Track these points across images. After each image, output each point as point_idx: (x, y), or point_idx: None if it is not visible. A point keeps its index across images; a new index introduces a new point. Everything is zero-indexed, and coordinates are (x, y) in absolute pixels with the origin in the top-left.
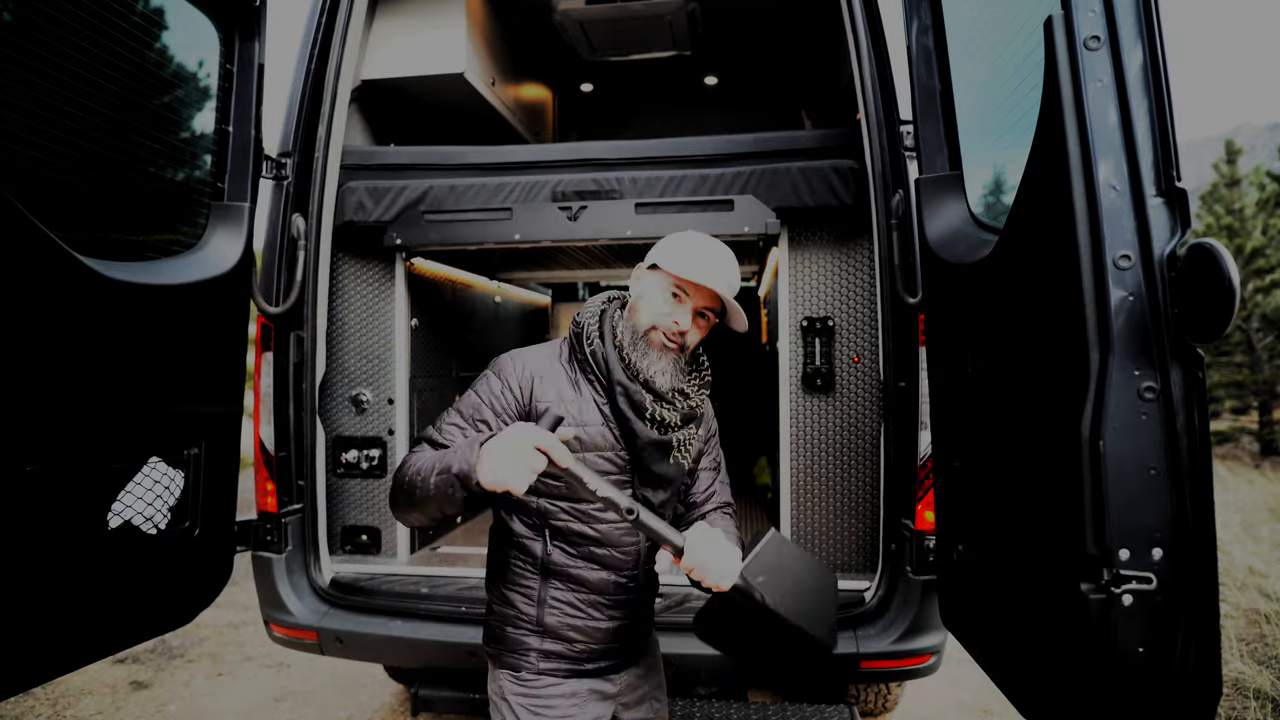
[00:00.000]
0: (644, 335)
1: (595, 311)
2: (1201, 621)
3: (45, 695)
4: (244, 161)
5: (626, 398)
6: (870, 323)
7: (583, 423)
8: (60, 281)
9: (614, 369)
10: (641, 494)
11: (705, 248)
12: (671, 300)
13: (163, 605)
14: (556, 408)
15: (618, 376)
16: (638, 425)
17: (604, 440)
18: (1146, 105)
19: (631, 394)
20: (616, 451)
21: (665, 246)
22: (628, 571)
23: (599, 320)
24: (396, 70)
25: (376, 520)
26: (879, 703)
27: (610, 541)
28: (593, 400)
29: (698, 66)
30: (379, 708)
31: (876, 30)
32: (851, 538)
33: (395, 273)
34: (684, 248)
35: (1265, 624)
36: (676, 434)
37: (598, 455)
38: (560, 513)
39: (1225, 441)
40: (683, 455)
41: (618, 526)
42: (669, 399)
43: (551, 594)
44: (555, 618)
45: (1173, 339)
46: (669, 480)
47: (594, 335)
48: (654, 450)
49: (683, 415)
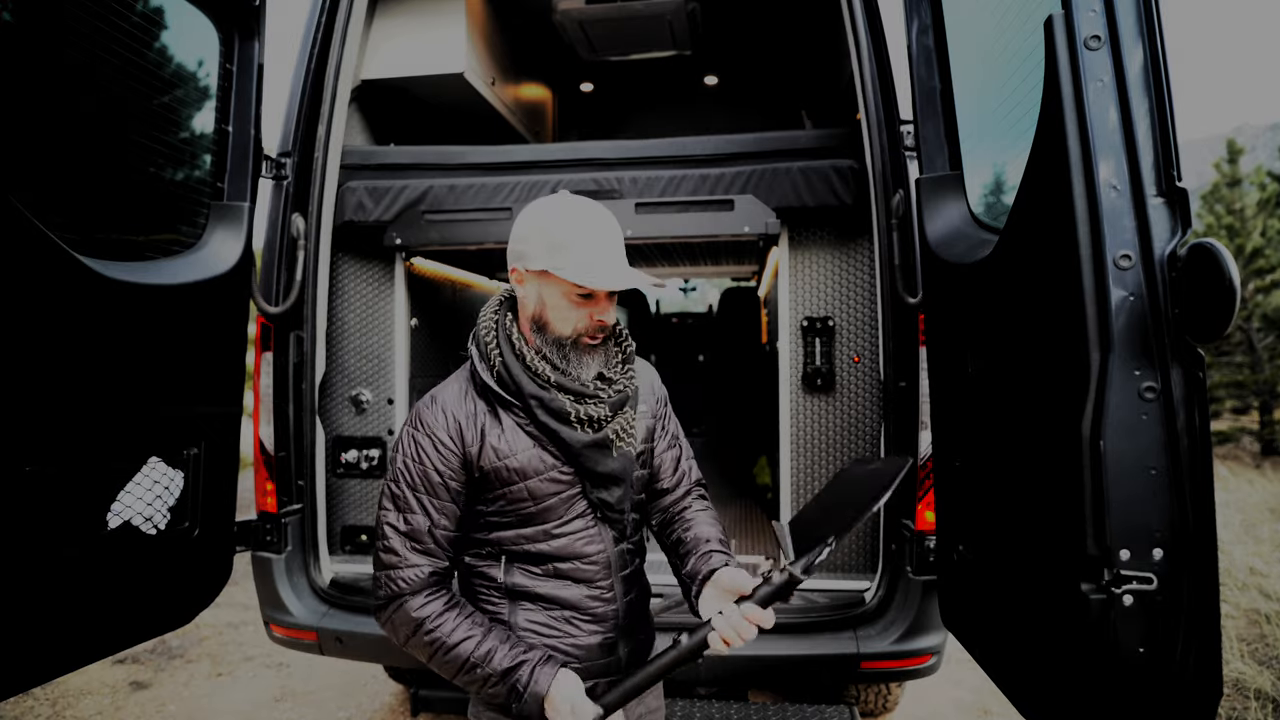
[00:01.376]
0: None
1: (490, 327)
2: (1202, 622)
3: (45, 695)
4: (244, 161)
5: (544, 408)
6: (870, 323)
7: (513, 453)
8: (60, 281)
9: (521, 382)
10: (596, 498)
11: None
12: (582, 306)
13: (162, 605)
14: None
15: (528, 390)
16: (566, 433)
17: (541, 463)
18: (1147, 105)
19: (548, 403)
20: (558, 469)
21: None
22: (600, 582)
23: (496, 337)
24: (396, 70)
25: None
26: (879, 703)
27: (572, 554)
28: (515, 426)
29: (698, 66)
30: (379, 708)
31: (876, 30)
32: (851, 538)
33: (395, 272)
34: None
35: (1266, 624)
36: (611, 426)
37: (539, 480)
38: (514, 539)
39: (1226, 441)
40: (625, 443)
41: (579, 537)
42: (590, 392)
43: (523, 617)
44: (533, 640)
45: (1173, 339)
46: (619, 476)
47: (494, 356)
48: (593, 451)
49: (611, 404)
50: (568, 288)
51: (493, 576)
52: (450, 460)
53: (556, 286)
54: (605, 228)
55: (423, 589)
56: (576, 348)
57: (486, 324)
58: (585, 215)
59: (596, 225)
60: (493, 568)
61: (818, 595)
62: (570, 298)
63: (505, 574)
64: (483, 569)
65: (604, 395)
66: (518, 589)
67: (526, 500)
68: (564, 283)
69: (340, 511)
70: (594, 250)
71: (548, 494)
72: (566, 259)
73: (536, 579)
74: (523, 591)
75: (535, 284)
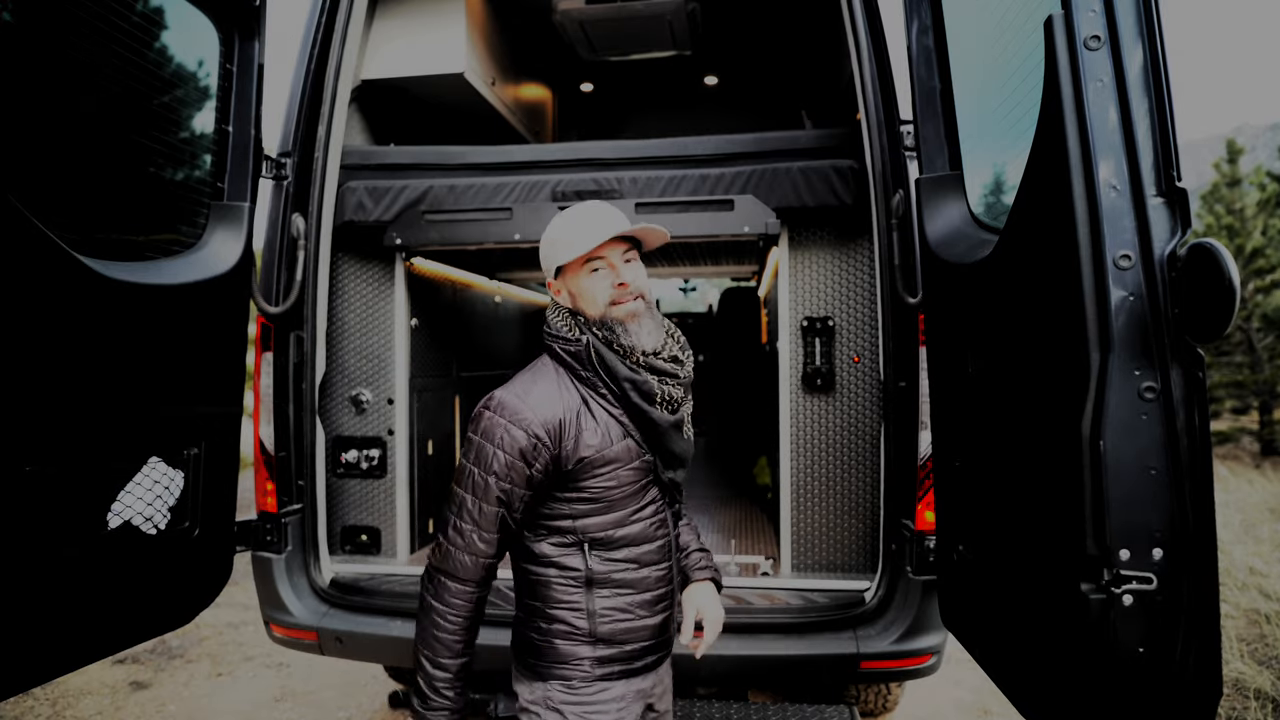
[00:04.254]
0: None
1: (569, 324)
2: (1202, 621)
3: (45, 695)
4: (244, 161)
5: (636, 390)
6: (870, 323)
7: (610, 443)
8: (60, 281)
9: (616, 368)
10: (668, 479)
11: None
12: (597, 276)
13: (162, 605)
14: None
15: (624, 373)
16: (655, 414)
17: (629, 453)
18: (1147, 105)
19: (640, 385)
20: (642, 456)
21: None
22: (665, 564)
23: (580, 331)
24: (396, 70)
25: (376, 520)
26: (879, 703)
27: (644, 538)
28: (608, 416)
29: (698, 66)
30: (379, 708)
31: (876, 30)
32: (851, 538)
33: (395, 273)
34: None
35: (1266, 624)
36: (684, 409)
37: (627, 468)
38: (598, 526)
39: (1225, 441)
40: (689, 427)
41: (652, 522)
42: (670, 371)
43: (600, 604)
44: (609, 625)
45: (1173, 339)
46: (686, 457)
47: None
48: (673, 432)
49: (685, 387)
50: (580, 269)
51: (574, 565)
52: (542, 454)
53: (574, 275)
54: (591, 210)
55: (471, 580)
56: (619, 320)
57: (564, 323)
58: (573, 211)
59: (582, 212)
60: (573, 556)
61: (818, 595)
62: (586, 276)
63: (587, 562)
64: (561, 559)
65: (679, 375)
66: (597, 576)
67: (615, 487)
68: (576, 266)
69: (340, 511)
70: (584, 228)
71: (632, 481)
72: (566, 248)
73: (615, 564)
74: (602, 578)
75: (563, 286)
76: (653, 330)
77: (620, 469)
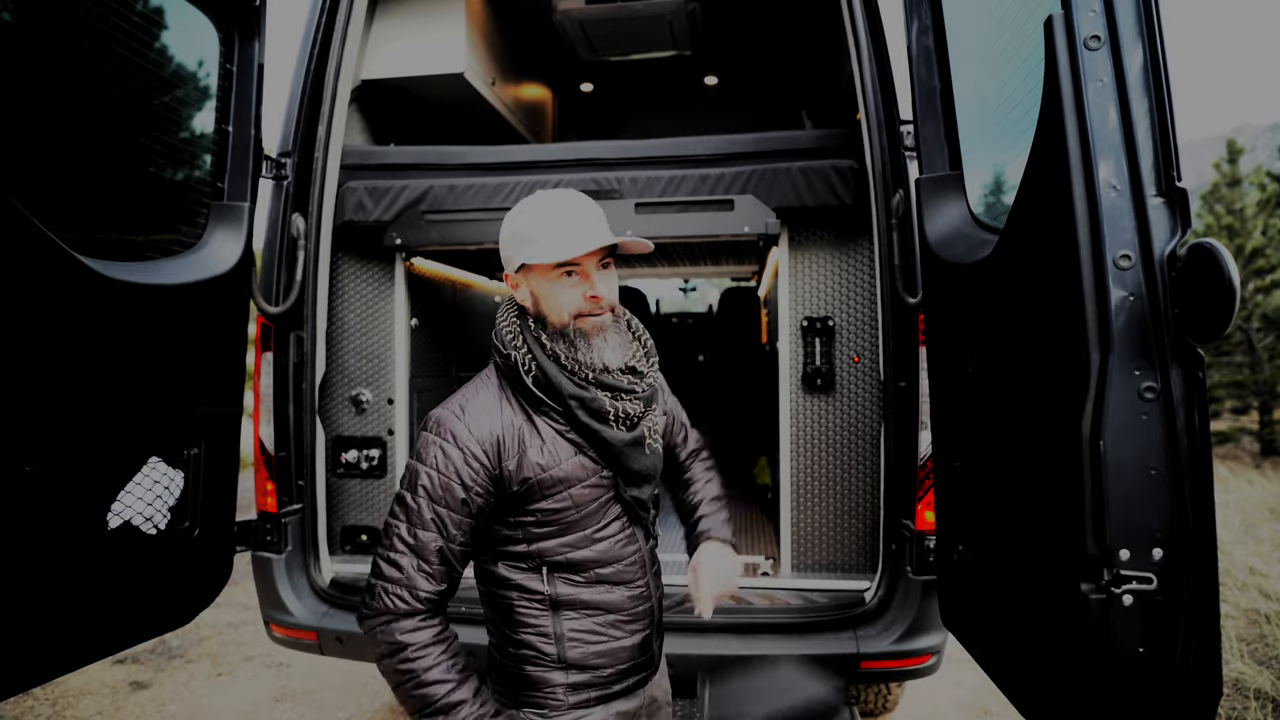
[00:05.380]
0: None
1: (514, 332)
2: (1202, 621)
3: (45, 695)
4: (244, 161)
5: (585, 409)
6: (870, 323)
7: (558, 462)
8: (60, 281)
9: (561, 385)
10: (630, 497)
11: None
12: (567, 282)
13: (162, 605)
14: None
15: (569, 391)
16: (607, 433)
17: (583, 470)
18: (1147, 105)
19: (588, 403)
20: (598, 474)
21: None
22: (638, 582)
23: (523, 340)
24: (396, 70)
25: (376, 520)
26: (879, 703)
27: (614, 558)
28: (555, 433)
29: (698, 66)
30: (379, 708)
31: (876, 30)
32: (851, 538)
33: (395, 272)
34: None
35: (1266, 624)
36: (644, 424)
37: (582, 487)
38: (556, 549)
39: (1225, 441)
40: (655, 440)
41: (617, 540)
42: (625, 387)
43: (568, 627)
44: (578, 649)
45: (1173, 339)
46: (650, 474)
47: (527, 360)
48: (631, 450)
49: (644, 401)
50: (550, 272)
51: (535, 589)
52: (479, 476)
53: (541, 276)
54: (571, 206)
55: (416, 613)
56: (582, 334)
57: (510, 329)
58: (549, 202)
59: (561, 207)
60: (534, 579)
61: (818, 595)
62: (555, 280)
63: (548, 584)
64: (522, 581)
65: (638, 389)
66: (562, 599)
67: (570, 509)
68: (545, 269)
69: (340, 511)
70: (563, 228)
71: (589, 500)
72: (539, 247)
73: (580, 586)
74: (567, 601)
75: (524, 283)
76: (618, 346)
77: (574, 489)
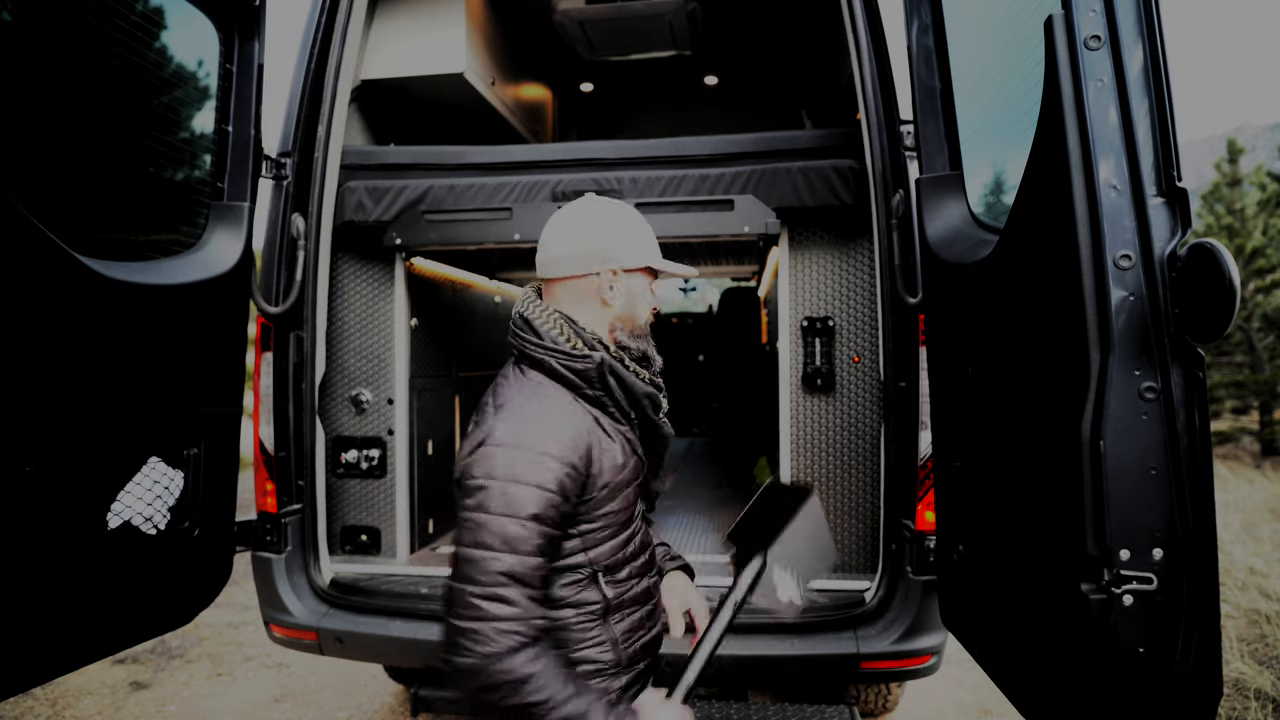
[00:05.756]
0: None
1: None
2: (1202, 622)
3: (45, 695)
4: (243, 161)
5: (653, 404)
6: (870, 323)
7: (626, 462)
8: (60, 281)
9: (633, 384)
10: (655, 488)
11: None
12: (651, 292)
13: (162, 605)
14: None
15: (642, 389)
16: (666, 428)
17: (635, 471)
18: (1147, 105)
19: (655, 399)
20: (643, 471)
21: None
22: (653, 570)
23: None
24: (396, 70)
25: (376, 520)
26: (879, 703)
27: (639, 551)
28: (618, 434)
29: (698, 66)
30: (379, 708)
31: (876, 30)
32: (851, 538)
33: (395, 273)
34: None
35: (1266, 624)
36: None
37: (635, 486)
38: (610, 552)
39: (1226, 441)
40: None
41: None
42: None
43: (619, 630)
44: (631, 647)
45: (1173, 339)
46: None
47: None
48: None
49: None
50: (650, 279)
51: (589, 599)
52: (575, 485)
53: (643, 279)
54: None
55: (536, 641)
56: (648, 336)
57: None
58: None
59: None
60: (589, 590)
61: (818, 595)
62: (650, 288)
63: (603, 590)
64: (576, 597)
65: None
66: (612, 602)
67: (625, 508)
68: (644, 273)
69: (340, 511)
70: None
71: (635, 496)
72: (655, 253)
73: (621, 585)
74: (616, 603)
75: (625, 281)
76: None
77: (631, 488)
